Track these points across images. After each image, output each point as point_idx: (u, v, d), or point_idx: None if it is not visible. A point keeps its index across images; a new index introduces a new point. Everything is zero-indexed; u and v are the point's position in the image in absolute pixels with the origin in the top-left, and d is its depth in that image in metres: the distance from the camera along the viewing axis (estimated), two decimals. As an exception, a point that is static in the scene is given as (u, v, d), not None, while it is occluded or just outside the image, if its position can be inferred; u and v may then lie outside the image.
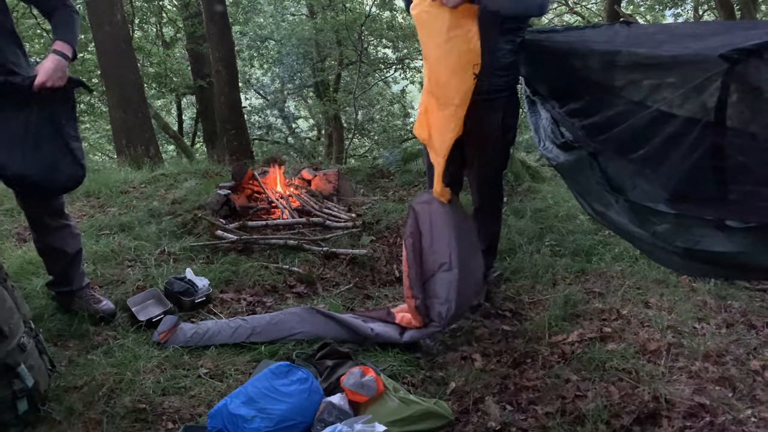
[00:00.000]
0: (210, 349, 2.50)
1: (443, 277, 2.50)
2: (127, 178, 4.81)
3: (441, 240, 2.54)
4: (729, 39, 1.77)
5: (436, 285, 2.52)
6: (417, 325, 2.54)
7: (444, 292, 2.48)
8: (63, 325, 2.60)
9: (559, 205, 4.11)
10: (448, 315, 2.46)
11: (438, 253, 2.53)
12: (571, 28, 2.68)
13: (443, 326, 2.49)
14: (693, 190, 1.50)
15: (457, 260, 2.49)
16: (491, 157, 2.77)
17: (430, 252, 2.56)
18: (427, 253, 2.56)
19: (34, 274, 2.99)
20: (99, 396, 2.14)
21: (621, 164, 1.85)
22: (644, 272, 3.10)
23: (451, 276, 2.48)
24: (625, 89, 1.85)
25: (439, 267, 2.52)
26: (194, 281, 2.89)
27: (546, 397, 2.23)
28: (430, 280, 2.54)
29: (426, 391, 2.28)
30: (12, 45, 2.25)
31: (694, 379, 2.27)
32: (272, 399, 1.92)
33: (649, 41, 2.15)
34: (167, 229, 3.63)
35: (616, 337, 2.57)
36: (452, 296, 2.46)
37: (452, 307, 2.45)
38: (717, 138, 1.37)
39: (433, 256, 2.54)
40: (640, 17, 14.72)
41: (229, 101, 7.35)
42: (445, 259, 2.50)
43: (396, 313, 2.70)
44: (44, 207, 2.45)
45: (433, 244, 2.55)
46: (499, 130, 2.69)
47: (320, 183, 4.33)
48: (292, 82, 16.24)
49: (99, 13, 7.05)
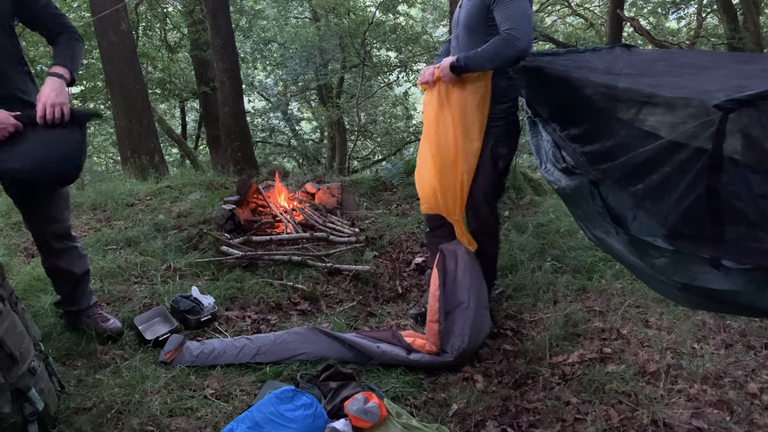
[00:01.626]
0: (216, 368, 2.54)
1: (460, 314, 2.71)
2: (132, 190, 4.86)
3: (463, 282, 2.77)
4: (724, 77, 1.80)
5: (454, 320, 2.70)
6: (432, 350, 2.66)
7: (459, 327, 2.67)
8: (71, 344, 2.65)
9: (560, 219, 4.14)
10: (460, 348, 2.63)
11: (458, 294, 2.75)
12: (572, 50, 2.69)
13: (454, 358, 2.62)
14: (690, 228, 1.53)
15: (474, 302, 2.73)
16: (480, 186, 2.73)
17: (451, 291, 2.76)
18: (449, 292, 2.76)
19: (42, 290, 3.03)
20: (108, 418, 2.18)
21: (621, 195, 1.87)
22: (644, 290, 3.13)
23: (468, 314, 2.69)
24: (624, 122, 1.88)
25: (458, 305, 2.72)
26: (200, 299, 2.93)
27: (546, 419, 2.26)
28: (450, 314, 2.72)
29: (428, 413, 2.32)
30: (20, 72, 2.28)
31: (693, 402, 2.30)
32: (277, 424, 1.96)
33: (649, 70, 2.18)
34: (173, 243, 3.67)
35: (616, 358, 2.60)
36: (467, 332, 2.66)
37: (465, 341, 2.64)
38: (712, 180, 1.40)
39: (453, 295, 2.74)
40: (643, 20, 14.70)
41: (233, 112, 7.39)
42: (464, 299, 2.72)
43: (404, 336, 2.76)
44: (50, 229, 2.49)
45: (455, 285, 2.77)
46: (488, 158, 2.69)
47: (324, 197, 4.37)
48: (295, 84, 16.29)
49: (104, 22, 7.10)
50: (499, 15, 2.45)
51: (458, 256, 2.82)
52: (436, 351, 2.64)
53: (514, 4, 2.42)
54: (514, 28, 2.39)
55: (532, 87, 2.71)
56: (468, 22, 2.58)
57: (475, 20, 2.55)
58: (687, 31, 15.09)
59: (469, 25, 2.58)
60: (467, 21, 2.59)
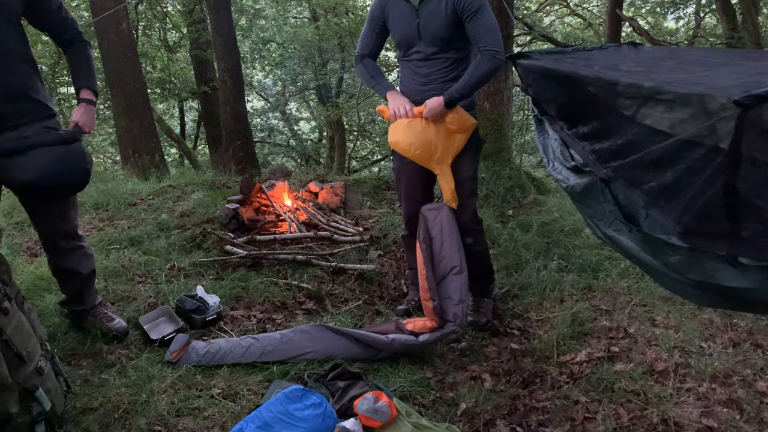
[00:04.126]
0: (222, 368, 2.53)
1: (455, 279, 2.71)
2: (134, 189, 4.84)
3: (452, 245, 2.75)
4: (737, 73, 1.80)
5: (449, 287, 2.71)
6: (433, 326, 2.67)
7: (457, 293, 2.70)
8: (76, 344, 2.63)
9: (564, 218, 4.14)
10: (463, 314, 2.68)
11: (449, 257, 2.74)
12: (578, 49, 2.69)
13: (459, 325, 2.65)
14: (706, 225, 1.52)
15: (465, 263, 2.75)
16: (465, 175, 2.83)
17: (440, 256, 2.76)
18: (437, 257, 2.76)
19: (47, 290, 3.02)
20: (115, 418, 2.17)
21: (633, 193, 1.86)
22: (650, 289, 3.13)
23: (462, 278, 2.72)
24: (635, 119, 1.86)
25: (450, 270, 2.73)
26: (205, 298, 2.91)
27: (555, 419, 2.25)
28: (442, 282, 2.73)
29: (437, 413, 2.31)
30: (29, 70, 2.28)
31: (702, 401, 2.29)
32: (287, 424, 1.95)
33: (658, 68, 2.17)
34: (176, 243, 3.66)
35: (624, 356, 2.60)
36: (464, 297, 2.70)
37: (465, 307, 2.69)
38: (730, 177, 1.39)
39: (444, 260, 2.74)
40: (641, 19, 14.72)
41: (234, 111, 7.37)
42: (456, 263, 2.73)
43: (406, 324, 2.76)
44: (57, 229, 2.48)
45: (443, 249, 2.76)
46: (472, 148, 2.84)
47: (327, 196, 4.36)
48: (294, 84, 16.27)
49: (105, 21, 7.07)
50: (474, 30, 2.64)
51: (442, 216, 2.80)
52: (438, 325, 2.65)
53: (485, 18, 2.62)
54: (492, 43, 2.61)
55: (539, 85, 2.69)
56: (441, 34, 2.68)
57: (449, 33, 2.68)
58: (685, 31, 15.13)
59: (443, 37, 2.69)
60: (440, 33, 2.68)
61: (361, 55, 2.91)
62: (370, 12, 2.85)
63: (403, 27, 2.74)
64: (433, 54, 2.73)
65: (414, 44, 2.75)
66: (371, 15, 2.84)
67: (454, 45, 2.73)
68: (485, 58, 2.63)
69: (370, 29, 2.86)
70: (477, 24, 2.62)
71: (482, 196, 4.67)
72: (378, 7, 2.80)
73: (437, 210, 2.84)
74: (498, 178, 4.77)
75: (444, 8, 2.63)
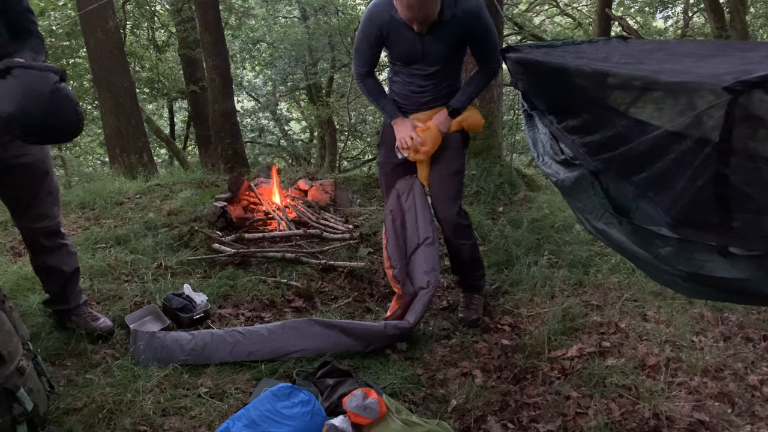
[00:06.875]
0: (209, 367, 2.49)
1: (428, 249, 2.83)
2: (121, 188, 4.78)
3: (425, 217, 2.88)
4: (728, 62, 1.78)
5: (421, 256, 2.84)
6: (398, 293, 2.77)
7: (430, 262, 2.81)
8: (60, 344, 2.58)
9: (555, 215, 4.13)
10: (436, 281, 2.79)
11: (422, 228, 2.87)
12: (568, 42, 2.67)
13: (433, 291, 2.76)
14: (696, 216, 1.50)
15: (436, 235, 2.88)
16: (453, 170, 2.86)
17: (414, 227, 2.89)
18: (411, 228, 2.90)
19: (30, 290, 2.96)
20: (99, 418, 2.13)
21: (623, 185, 1.85)
22: (641, 284, 3.12)
23: (434, 248, 2.84)
24: (625, 110, 1.85)
25: (423, 240, 2.86)
26: (192, 297, 2.87)
27: (547, 414, 2.23)
28: (415, 252, 2.87)
29: (427, 409, 2.29)
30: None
31: (694, 395, 2.28)
32: (275, 422, 1.92)
33: (648, 59, 2.16)
34: (164, 242, 3.61)
35: (615, 351, 2.59)
36: (436, 266, 2.81)
37: (437, 274, 2.81)
38: (720, 166, 1.37)
39: (417, 231, 2.87)
40: (630, 19, 14.79)
41: (223, 109, 7.30)
42: (429, 234, 2.85)
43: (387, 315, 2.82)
44: (39, 226, 2.43)
45: (418, 220, 2.89)
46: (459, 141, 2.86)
47: (317, 193, 4.32)
48: (285, 84, 16.19)
49: (91, 19, 7.00)
50: (482, 52, 2.72)
51: (415, 190, 2.90)
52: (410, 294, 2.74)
53: (492, 38, 2.67)
54: (497, 62, 2.72)
55: (529, 79, 2.68)
56: (446, 55, 2.68)
57: (455, 53, 2.73)
58: (674, 30, 15.21)
59: (447, 57, 2.70)
60: (445, 54, 2.68)
61: (362, 74, 2.83)
62: (364, 30, 2.69)
63: (405, 48, 2.66)
64: (435, 72, 2.72)
65: (415, 63, 2.71)
66: (366, 33, 2.68)
67: (456, 59, 2.77)
68: (488, 72, 2.78)
69: (368, 45, 2.72)
70: (485, 45, 2.69)
71: (473, 193, 4.65)
72: (375, 27, 2.63)
73: (410, 184, 2.92)
74: (488, 175, 4.75)
75: (453, 35, 2.59)
